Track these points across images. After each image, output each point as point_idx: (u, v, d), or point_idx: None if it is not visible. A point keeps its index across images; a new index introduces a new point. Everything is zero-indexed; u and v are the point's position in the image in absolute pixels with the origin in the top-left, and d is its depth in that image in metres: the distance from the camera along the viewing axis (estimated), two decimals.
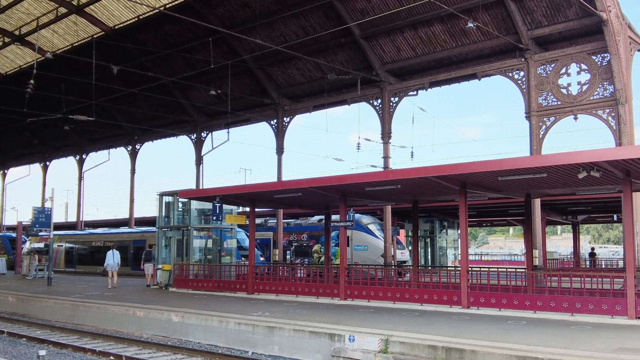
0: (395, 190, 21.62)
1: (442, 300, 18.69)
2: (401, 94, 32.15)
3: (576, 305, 15.98)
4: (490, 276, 19.17)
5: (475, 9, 27.04)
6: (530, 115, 26.83)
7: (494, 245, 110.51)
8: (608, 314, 15.47)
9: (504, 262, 50.09)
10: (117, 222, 54.17)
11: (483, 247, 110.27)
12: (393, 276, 25.93)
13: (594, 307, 15.74)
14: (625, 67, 24.69)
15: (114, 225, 52.33)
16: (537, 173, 16.48)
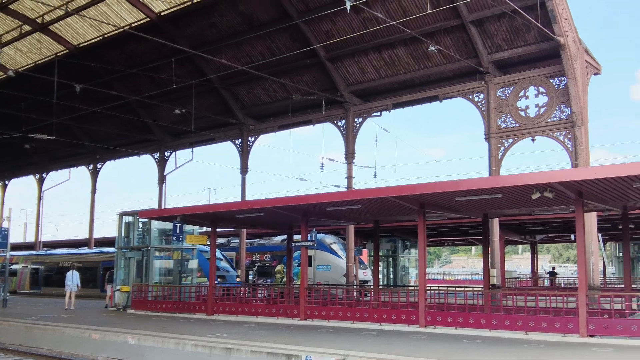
0: (357, 210, 21.73)
1: (400, 319, 18.77)
2: (365, 114, 32.49)
3: (530, 323, 16.21)
4: (449, 295, 19.35)
5: (438, 33, 27.61)
6: (489, 136, 27.34)
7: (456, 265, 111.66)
8: (561, 332, 15.73)
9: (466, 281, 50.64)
10: (76, 243, 53.14)
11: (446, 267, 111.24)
12: (354, 296, 25.95)
13: (547, 325, 15.99)
14: (582, 90, 25.37)
15: (73, 245, 51.27)
16: (493, 194, 16.79)
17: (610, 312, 16.48)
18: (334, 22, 29.98)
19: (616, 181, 14.76)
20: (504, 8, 24.30)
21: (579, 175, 15.01)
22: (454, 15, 27.01)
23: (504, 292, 22.19)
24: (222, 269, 33.66)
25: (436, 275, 68.21)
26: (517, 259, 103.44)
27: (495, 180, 17.96)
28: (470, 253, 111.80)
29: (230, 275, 33.77)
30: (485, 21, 26.82)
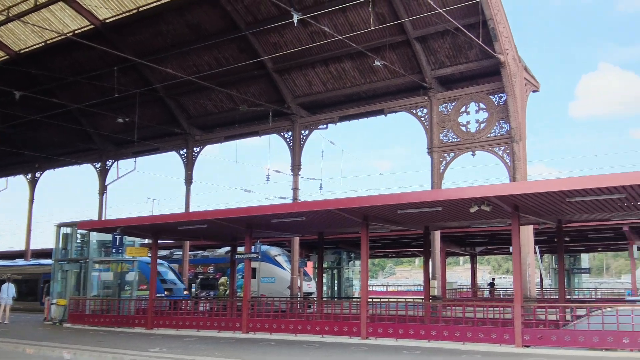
0: (302, 222, 21.78)
1: (342, 331, 18.87)
2: (312, 127, 32.67)
3: (467, 334, 16.57)
4: (390, 307, 19.57)
5: (383, 48, 28.06)
6: (432, 150, 27.91)
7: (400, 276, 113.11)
8: (497, 343, 16.13)
9: (409, 292, 51.30)
10: (12, 255, 51.18)
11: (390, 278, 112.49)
12: (297, 308, 25.93)
13: (484, 336, 16.37)
14: (521, 106, 26.22)
15: (8, 257, 49.36)
16: (433, 207, 17.13)
17: (545, 322, 16.99)
18: (282, 34, 30.11)
19: (551, 196, 15.29)
20: (447, 26, 24.92)
21: (515, 190, 15.51)
22: (399, 32, 27.55)
23: (443, 303, 22.59)
24: (170, 282, 33.04)
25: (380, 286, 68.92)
26: (458, 270, 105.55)
27: (436, 193, 18.35)
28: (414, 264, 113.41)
29: (178, 288, 33.19)
30: (429, 38, 27.45)
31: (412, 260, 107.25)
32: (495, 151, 26.57)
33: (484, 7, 24.36)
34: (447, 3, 25.12)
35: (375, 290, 58.26)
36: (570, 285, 43.56)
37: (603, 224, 27.61)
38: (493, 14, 24.54)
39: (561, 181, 14.72)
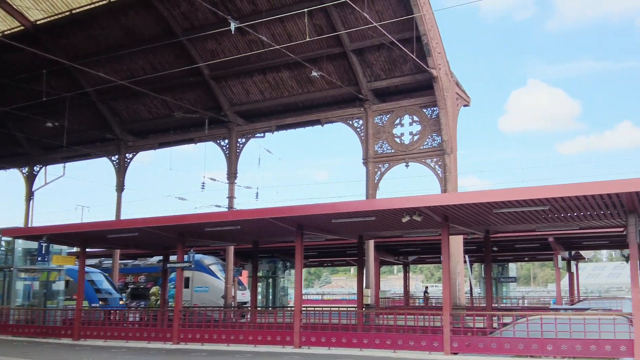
0: (236, 231, 21.66)
1: (275, 340, 18.84)
2: (249, 135, 32.56)
3: (398, 342, 16.87)
4: (324, 315, 19.69)
5: (321, 59, 28.31)
6: (367, 161, 28.32)
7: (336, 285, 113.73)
8: (427, 350, 16.49)
9: (343, 301, 51.67)
10: None
11: (326, 287, 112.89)
12: (231, 318, 25.71)
13: (415, 343, 16.71)
14: (452, 120, 26.98)
15: None
16: (367, 216, 17.40)
17: (473, 330, 17.48)
18: (219, 41, 29.95)
19: (478, 207, 15.81)
20: (382, 40, 25.41)
21: (445, 201, 15.96)
22: (337, 44, 27.89)
23: (376, 311, 22.90)
24: (105, 291, 32.05)
25: (315, 295, 69.07)
26: (392, 279, 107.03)
27: (369, 203, 18.65)
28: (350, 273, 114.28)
29: (113, 297, 32.26)
30: (366, 51, 27.92)
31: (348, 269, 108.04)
32: (428, 163, 27.22)
33: (418, 23, 25.01)
34: (383, 17, 25.63)
35: (310, 299, 58.33)
36: (498, 294, 44.92)
37: (529, 235, 28.68)
38: (427, 29, 25.23)
39: (488, 193, 15.26)
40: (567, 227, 19.61)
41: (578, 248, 37.62)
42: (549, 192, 14.14)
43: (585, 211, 16.08)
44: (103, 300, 30.94)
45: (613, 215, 16.50)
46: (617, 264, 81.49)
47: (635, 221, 14.85)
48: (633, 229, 14.83)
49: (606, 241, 32.65)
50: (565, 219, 17.66)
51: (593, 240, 32.04)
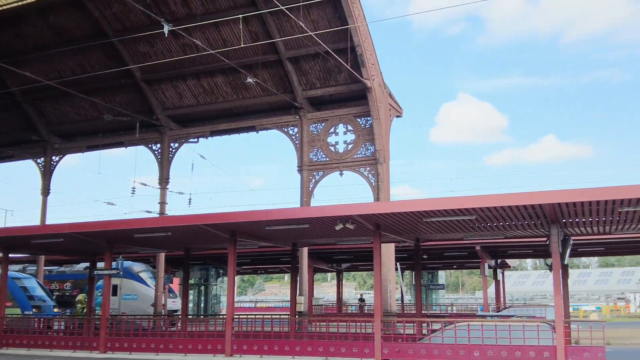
0: (167, 238, 21.26)
1: (206, 349, 18.58)
2: (182, 140, 32.05)
3: (330, 349, 16.96)
4: (257, 323, 19.57)
5: (256, 66, 28.22)
6: (302, 169, 28.40)
7: (269, 292, 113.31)
8: (358, 357, 16.64)
9: (277, 308, 51.52)
10: None
11: (259, 294, 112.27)
12: (161, 326, 25.17)
13: (346, 350, 16.84)
14: (385, 130, 27.43)
15: None
16: (301, 224, 17.45)
17: (403, 337, 17.77)
18: (152, 44, 29.37)
19: (409, 215, 16.12)
20: (318, 49, 25.58)
21: (377, 209, 16.19)
22: (272, 51, 27.88)
23: (308, 319, 22.93)
24: (38, 298, 30.67)
25: (249, 303, 68.57)
26: (326, 286, 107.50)
27: (303, 211, 18.71)
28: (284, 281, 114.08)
29: (47, 305, 30.92)
30: (301, 59, 28.03)
31: (282, 276, 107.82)
32: (362, 171, 27.55)
33: (353, 34, 25.34)
34: (318, 27, 25.83)
35: (243, 307, 57.86)
36: (428, 301, 45.88)
37: (458, 243, 29.44)
38: (361, 41, 25.59)
39: (418, 202, 15.60)
40: (494, 236, 20.27)
41: (504, 256, 38.89)
42: (476, 202, 14.58)
43: (510, 221, 16.67)
44: (37, 308, 29.73)
45: (537, 225, 17.18)
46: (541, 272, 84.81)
47: (557, 231, 15.50)
48: (555, 239, 15.47)
49: (530, 250, 33.91)
50: (492, 229, 18.25)
51: (518, 249, 33.22)
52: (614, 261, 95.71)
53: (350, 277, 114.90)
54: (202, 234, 19.87)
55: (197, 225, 18.12)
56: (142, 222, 20.58)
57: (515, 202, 14.15)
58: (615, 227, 18.03)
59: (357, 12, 25.17)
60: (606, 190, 13.38)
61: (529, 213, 15.42)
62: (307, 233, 19.68)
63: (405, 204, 15.95)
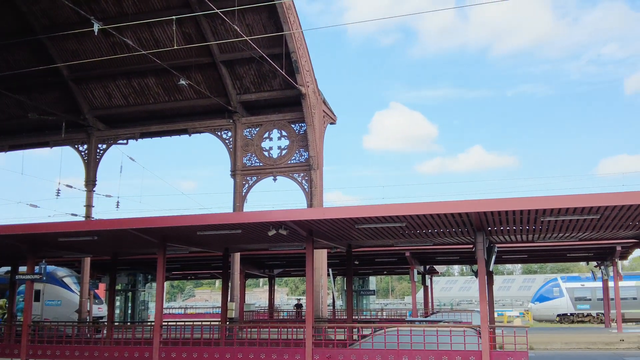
0: (93, 242, 20.56)
1: (133, 357, 18.07)
2: (110, 141, 31.22)
3: (261, 356, 16.84)
4: (187, 330, 19.22)
5: (189, 68, 27.84)
6: (235, 173, 28.20)
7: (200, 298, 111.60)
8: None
9: (207, 315, 50.73)
10: None
11: (189, 300, 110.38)
12: (85, 333, 24.37)
13: (277, 357, 16.76)
14: (319, 137, 27.60)
15: None
16: (233, 229, 17.27)
17: (334, 342, 17.85)
18: (81, 42, 28.49)
19: (341, 222, 16.24)
20: (253, 53, 25.50)
21: (309, 215, 16.23)
22: (206, 54, 27.59)
23: (239, 325, 22.73)
24: None
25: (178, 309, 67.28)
26: (258, 292, 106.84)
27: (236, 216, 18.55)
28: (214, 286, 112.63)
29: None
30: (236, 63, 27.87)
31: (213, 282, 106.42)
32: (295, 177, 27.62)
33: (288, 40, 25.40)
34: (253, 32, 25.77)
35: (172, 314, 56.69)
36: (359, 306, 46.31)
37: (388, 250, 29.89)
38: (296, 47, 25.69)
39: (350, 209, 15.76)
40: (423, 243, 20.68)
41: (432, 263, 39.75)
42: (406, 210, 14.85)
43: (439, 228, 17.07)
44: None
45: (464, 233, 17.67)
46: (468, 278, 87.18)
47: (483, 239, 15.97)
48: (481, 246, 15.94)
49: (457, 257, 34.82)
50: (421, 236, 18.63)
51: (446, 255, 34.04)
52: (537, 268, 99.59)
53: (282, 283, 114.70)
54: (130, 238, 19.35)
55: (126, 230, 17.62)
56: (67, 225, 19.82)
57: (444, 210, 14.49)
58: (537, 235, 18.77)
59: (293, 19, 25.25)
60: (529, 200, 13.91)
61: (457, 221, 15.83)
62: (240, 238, 19.50)
63: (338, 211, 16.07)
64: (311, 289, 17.55)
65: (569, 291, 45.99)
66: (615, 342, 26.15)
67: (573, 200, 13.51)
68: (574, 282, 47.39)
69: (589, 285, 45.55)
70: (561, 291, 46.20)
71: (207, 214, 18.20)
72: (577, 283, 46.93)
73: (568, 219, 15.05)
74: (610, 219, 15.43)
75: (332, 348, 17.25)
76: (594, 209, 14.04)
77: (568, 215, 14.65)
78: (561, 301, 45.74)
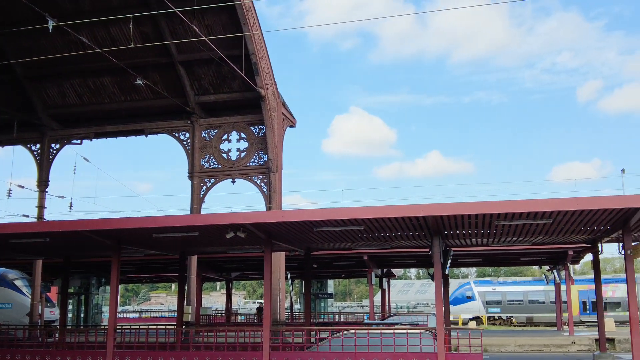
0: (45, 244, 20.05)
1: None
2: (64, 141, 30.52)
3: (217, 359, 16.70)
4: (142, 334, 18.90)
5: (147, 68, 27.45)
6: (192, 175, 27.89)
7: (155, 302, 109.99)
8: None
9: (163, 318, 49.96)
10: None
11: (144, 304, 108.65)
12: (37, 337, 23.72)
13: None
14: (278, 140, 27.52)
15: None
16: (190, 232, 17.06)
17: (291, 345, 17.80)
18: (35, 39, 27.72)
19: (300, 225, 16.24)
20: (212, 54, 25.24)
21: (269, 218, 16.18)
22: (164, 53, 27.22)
23: (195, 329, 22.46)
24: None
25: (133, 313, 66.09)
26: (215, 296, 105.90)
27: (193, 218, 18.32)
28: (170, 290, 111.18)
29: None
30: (195, 64, 27.56)
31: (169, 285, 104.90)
32: (254, 180, 27.49)
33: (248, 42, 25.27)
34: (213, 32, 25.55)
35: (126, 317, 55.63)
36: (317, 309, 46.32)
37: (346, 253, 29.95)
38: (256, 49, 25.57)
39: (310, 212, 15.75)
40: (381, 246, 20.84)
41: (389, 266, 40.02)
42: (365, 213, 14.95)
43: (396, 232, 17.23)
44: None
45: (420, 236, 17.88)
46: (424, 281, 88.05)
47: (439, 243, 16.19)
48: (438, 250, 16.15)
49: (414, 260, 35.15)
50: (379, 239, 18.78)
51: (403, 259, 34.33)
52: (491, 271, 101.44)
53: (239, 287, 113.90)
54: (84, 240, 18.94)
55: (79, 232, 17.23)
56: (17, 226, 19.25)
57: (402, 213, 14.63)
58: (492, 239, 19.13)
59: (252, 21, 25.14)
60: (485, 204, 14.17)
61: (414, 224, 16.01)
62: (197, 241, 19.30)
63: (297, 214, 16.03)
64: (269, 292, 17.48)
65: (481, 295, 47.07)
66: (567, 345, 26.81)
67: (527, 205, 13.82)
68: (485, 285, 48.48)
69: (500, 289, 46.83)
70: (474, 295, 47.21)
71: (164, 216, 17.96)
72: (488, 287, 48.03)
73: (522, 223, 15.39)
74: (563, 224, 15.83)
75: (289, 351, 17.20)
76: (547, 214, 14.38)
77: (522, 220, 14.97)
78: (474, 304, 46.79)
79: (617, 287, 44.30)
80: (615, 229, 16.71)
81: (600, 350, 20.84)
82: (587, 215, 14.75)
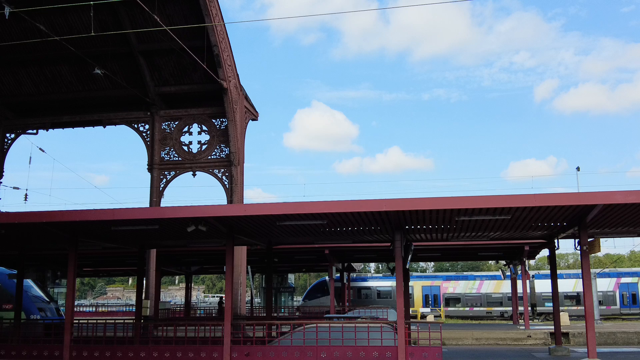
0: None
1: (43, 356, 17.32)
2: (19, 130, 29.72)
3: (177, 354, 16.51)
4: (99, 328, 18.55)
5: (105, 57, 26.87)
6: (152, 167, 27.47)
7: (112, 296, 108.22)
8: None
9: (120, 313, 49.14)
10: None
11: (101, 298, 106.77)
12: None
13: (194, 355, 16.49)
14: (240, 133, 27.31)
15: None
16: (150, 225, 16.78)
17: (252, 340, 17.73)
18: None
19: (263, 219, 16.14)
20: (173, 45, 24.88)
21: (231, 212, 16.04)
22: (123, 43, 26.73)
23: (154, 323, 22.18)
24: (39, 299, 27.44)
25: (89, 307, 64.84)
26: (173, 290, 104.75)
27: (153, 211, 18.04)
28: (127, 284, 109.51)
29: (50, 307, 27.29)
30: (155, 54, 27.13)
31: (126, 279, 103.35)
32: (215, 173, 27.24)
33: (210, 33, 24.98)
34: (174, 22, 25.17)
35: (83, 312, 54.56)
36: (277, 304, 46.26)
37: (308, 247, 29.98)
38: (218, 41, 25.29)
39: (272, 206, 15.67)
40: (342, 240, 20.89)
41: (350, 260, 40.21)
42: (327, 208, 14.93)
43: (358, 226, 17.29)
44: (42, 311, 26.21)
45: (382, 231, 17.98)
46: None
47: (400, 237, 16.33)
48: (399, 244, 16.29)
49: (375, 254, 35.40)
50: (341, 233, 18.82)
51: (364, 253, 34.53)
52: (448, 266, 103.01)
53: (198, 281, 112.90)
54: (39, 232, 18.48)
55: (34, 223, 16.76)
56: None
57: (364, 208, 14.68)
58: (451, 234, 19.38)
59: (215, 12, 24.85)
60: (446, 200, 14.33)
61: (376, 219, 16.09)
62: (157, 234, 19.02)
63: (259, 207, 15.92)
64: (230, 286, 17.36)
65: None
66: (523, 338, 27.36)
67: (487, 201, 14.03)
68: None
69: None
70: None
71: (123, 209, 17.56)
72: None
73: (481, 219, 15.63)
74: (521, 220, 16.15)
75: (250, 345, 17.12)
76: (507, 210, 14.63)
77: (482, 216, 15.20)
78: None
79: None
80: (571, 225, 17.12)
81: (556, 344, 21.34)
82: (544, 212, 15.06)
